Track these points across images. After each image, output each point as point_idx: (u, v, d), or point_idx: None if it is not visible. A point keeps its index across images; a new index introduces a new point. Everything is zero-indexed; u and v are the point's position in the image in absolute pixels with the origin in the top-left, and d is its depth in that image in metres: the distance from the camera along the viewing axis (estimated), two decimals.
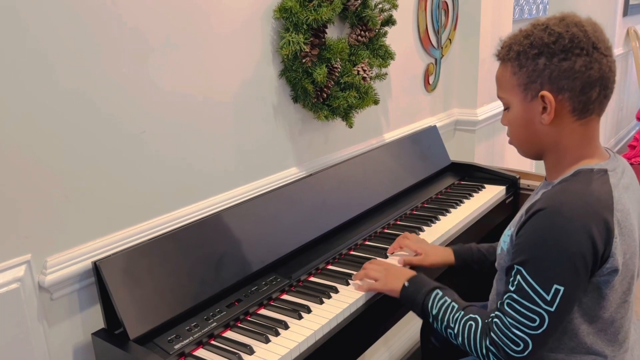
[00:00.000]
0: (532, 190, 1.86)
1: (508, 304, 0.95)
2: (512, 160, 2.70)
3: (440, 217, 1.61)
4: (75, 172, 1.05)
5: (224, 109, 1.32)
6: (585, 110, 0.98)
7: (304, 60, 1.39)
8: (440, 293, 1.08)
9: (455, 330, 1.02)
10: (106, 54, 1.07)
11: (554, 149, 1.03)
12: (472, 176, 1.96)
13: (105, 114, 1.09)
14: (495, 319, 0.96)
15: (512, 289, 0.95)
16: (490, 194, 1.78)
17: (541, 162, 1.09)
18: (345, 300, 1.18)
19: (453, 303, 1.05)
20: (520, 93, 1.01)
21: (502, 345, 0.94)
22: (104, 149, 1.09)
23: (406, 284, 1.14)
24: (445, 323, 1.05)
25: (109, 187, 1.11)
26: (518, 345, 0.93)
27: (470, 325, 1.00)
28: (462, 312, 1.03)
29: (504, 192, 1.82)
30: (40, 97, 0.98)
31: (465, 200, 1.74)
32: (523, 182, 1.89)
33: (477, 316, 1.00)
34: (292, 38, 1.35)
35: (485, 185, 1.86)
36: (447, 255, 1.36)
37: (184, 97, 1.23)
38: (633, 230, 0.98)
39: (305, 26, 1.36)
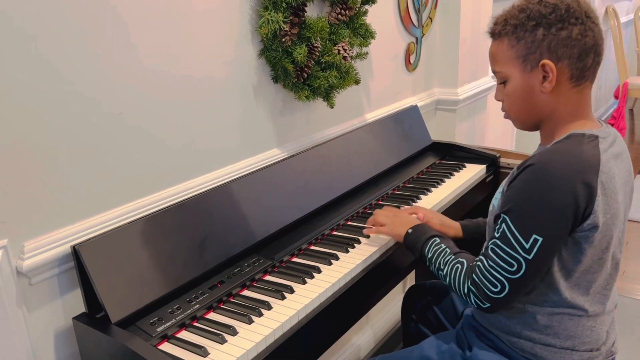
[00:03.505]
0: (512, 168, 1.88)
1: (491, 249, 1.03)
2: (493, 139, 2.72)
3: (422, 196, 1.62)
4: (51, 154, 1.03)
5: (202, 91, 1.30)
6: (581, 77, 1.04)
7: (283, 40, 1.37)
8: (438, 240, 1.18)
9: (444, 272, 1.12)
10: (82, 30, 1.04)
11: (551, 117, 1.08)
12: (453, 155, 1.98)
13: (83, 94, 1.06)
14: (478, 262, 1.05)
15: (496, 235, 1.03)
16: (471, 173, 1.80)
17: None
18: (328, 279, 1.18)
19: (447, 248, 1.15)
20: (520, 65, 1.06)
21: (482, 286, 1.03)
22: (82, 130, 1.07)
23: (410, 230, 1.25)
24: (437, 265, 1.14)
25: (87, 170, 1.09)
26: (496, 286, 1.01)
27: (457, 268, 1.09)
28: (453, 256, 1.12)
29: (484, 170, 1.84)
30: (15, 76, 0.95)
31: (446, 179, 1.75)
32: (503, 160, 1.91)
33: (464, 260, 1.10)
34: (271, 17, 1.33)
35: (466, 164, 1.88)
36: (456, 230, 1.42)
37: (162, 76, 1.20)
38: (616, 194, 1.02)
39: (284, 4, 1.33)
